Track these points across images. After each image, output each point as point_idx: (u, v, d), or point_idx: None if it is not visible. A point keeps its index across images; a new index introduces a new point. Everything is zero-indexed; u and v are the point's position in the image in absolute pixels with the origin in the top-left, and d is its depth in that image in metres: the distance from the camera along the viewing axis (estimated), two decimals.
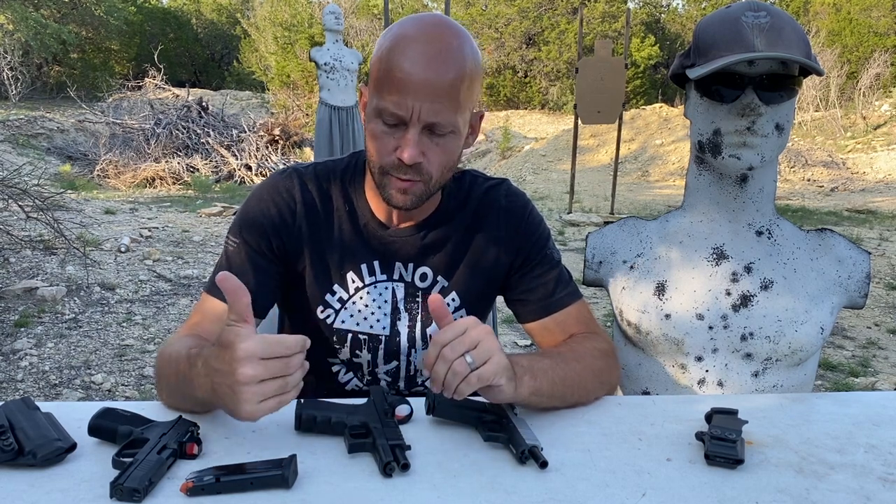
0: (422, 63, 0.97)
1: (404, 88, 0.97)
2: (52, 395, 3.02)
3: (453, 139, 1.04)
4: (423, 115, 0.98)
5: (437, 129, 1.00)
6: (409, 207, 1.07)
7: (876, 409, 1.09)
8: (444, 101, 0.98)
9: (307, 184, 1.16)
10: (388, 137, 1.02)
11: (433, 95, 0.98)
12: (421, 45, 0.98)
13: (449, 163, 1.06)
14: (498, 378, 0.90)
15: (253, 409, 0.82)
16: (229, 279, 0.85)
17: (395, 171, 1.03)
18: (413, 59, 0.97)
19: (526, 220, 1.22)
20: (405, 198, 1.05)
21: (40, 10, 16.44)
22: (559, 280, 1.21)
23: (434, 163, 1.03)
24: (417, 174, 1.03)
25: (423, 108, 0.98)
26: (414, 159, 1.00)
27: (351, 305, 1.18)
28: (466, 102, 1.02)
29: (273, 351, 0.82)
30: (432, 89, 0.97)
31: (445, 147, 1.03)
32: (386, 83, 0.99)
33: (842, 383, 3.36)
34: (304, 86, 16.20)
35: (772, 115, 1.14)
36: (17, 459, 0.84)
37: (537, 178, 10.88)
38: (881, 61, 13.83)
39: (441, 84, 0.98)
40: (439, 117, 0.99)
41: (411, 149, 1.00)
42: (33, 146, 10.16)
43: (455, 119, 1.01)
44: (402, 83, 0.97)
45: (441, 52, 0.98)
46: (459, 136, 1.05)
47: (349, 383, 1.23)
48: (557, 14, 18.15)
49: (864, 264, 1.26)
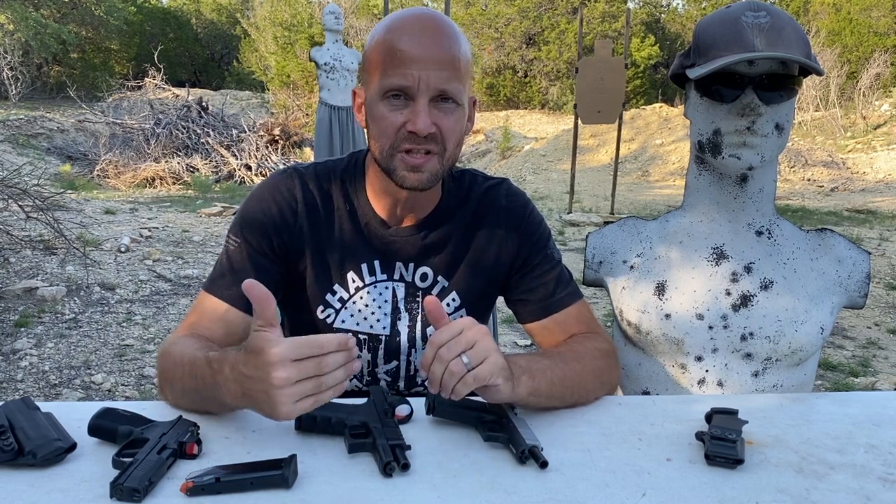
0: (422, 37, 1.00)
1: (409, 60, 0.99)
2: (52, 395, 3.02)
3: (459, 112, 1.05)
4: (432, 82, 1.00)
5: (446, 95, 1.01)
6: (424, 187, 1.06)
7: (876, 409, 1.09)
8: (450, 69, 1.01)
9: (308, 183, 1.16)
10: (395, 114, 1.02)
11: (438, 64, 1.00)
12: (418, 24, 1.02)
13: (459, 136, 1.07)
14: (494, 378, 0.90)
15: (290, 410, 0.82)
16: (256, 287, 0.85)
17: (408, 143, 1.02)
18: (413, 35, 1.00)
19: (526, 219, 1.21)
20: (418, 176, 1.04)
21: (40, 10, 16.45)
22: (559, 280, 1.21)
23: (447, 131, 1.03)
24: (434, 143, 1.03)
25: (430, 77, 0.99)
26: (428, 128, 1.00)
27: (351, 305, 1.18)
28: (466, 80, 1.05)
29: (304, 352, 0.82)
30: (436, 58, 1.00)
31: (456, 118, 1.04)
32: (389, 62, 1.00)
33: (842, 383, 3.36)
34: (304, 86, 16.21)
35: (772, 115, 1.14)
36: (17, 459, 0.84)
37: (537, 178, 10.88)
38: (881, 61, 13.83)
39: (443, 54, 1.00)
40: (447, 84, 1.01)
41: (424, 116, 1.00)
42: (33, 146, 10.16)
43: (460, 90, 1.03)
44: (407, 55, 0.99)
45: (437, 28, 1.02)
46: (463, 110, 1.06)
47: (349, 383, 1.23)
48: (557, 14, 18.15)
49: (864, 264, 1.26)
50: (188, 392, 0.98)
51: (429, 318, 0.93)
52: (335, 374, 0.84)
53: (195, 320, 1.12)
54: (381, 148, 1.04)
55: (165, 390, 1.03)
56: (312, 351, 0.82)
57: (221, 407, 0.96)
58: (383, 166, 1.06)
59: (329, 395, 0.84)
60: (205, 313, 1.11)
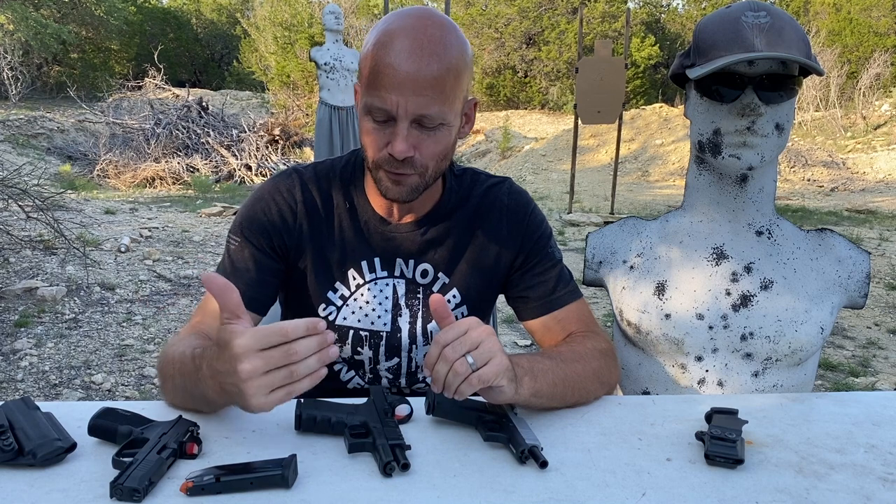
0: (404, 57, 0.97)
1: (389, 84, 0.98)
2: (52, 395, 3.02)
3: (444, 130, 1.04)
4: (411, 108, 0.99)
5: (426, 121, 1.01)
6: (406, 199, 1.08)
7: (876, 409, 1.09)
8: (429, 93, 0.98)
9: (307, 183, 1.17)
10: (378, 133, 1.02)
11: (418, 89, 0.98)
12: (404, 39, 0.98)
13: (443, 153, 1.06)
14: (499, 379, 0.90)
15: (261, 402, 0.80)
16: (213, 279, 0.84)
17: (387, 165, 1.03)
18: (396, 53, 0.97)
19: (528, 218, 1.22)
20: (400, 189, 1.06)
21: (40, 10, 16.45)
22: (560, 278, 1.21)
23: (427, 154, 1.04)
24: (410, 167, 1.03)
25: (409, 102, 0.98)
26: (404, 154, 1.00)
27: (352, 302, 1.18)
28: (455, 93, 1.02)
29: (270, 341, 0.79)
30: (417, 83, 0.97)
31: (437, 139, 1.04)
32: (372, 80, 1.00)
33: (842, 383, 3.36)
34: (304, 86, 16.21)
35: (772, 115, 1.14)
36: (17, 459, 0.84)
37: (537, 178, 10.88)
38: (881, 61, 13.83)
39: (425, 77, 0.98)
40: (427, 109, 0.99)
41: (400, 143, 1.00)
42: (33, 146, 10.16)
43: (443, 110, 1.01)
44: (387, 79, 0.98)
45: (424, 45, 0.98)
46: (450, 126, 1.05)
47: (351, 381, 1.23)
48: (557, 14, 18.15)
49: (863, 264, 1.26)
50: (179, 390, 0.98)
51: (433, 316, 0.92)
52: (307, 362, 0.80)
53: (199, 320, 1.12)
54: (367, 159, 1.07)
55: (164, 391, 1.04)
56: (278, 339, 0.79)
57: (209, 404, 0.95)
58: (371, 175, 1.09)
59: (304, 385, 0.81)
60: (208, 313, 1.12)
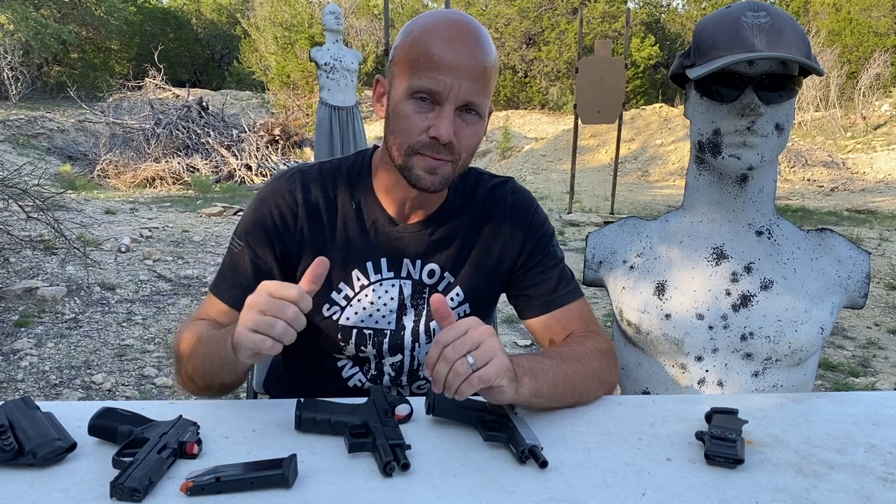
0: (459, 45, 1.01)
1: (444, 66, 1.00)
2: (52, 395, 3.02)
3: (480, 124, 1.07)
4: (462, 93, 1.01)
5: (471, 108, 1.03)
6: (436, 189, 1.08)
7: (876, 409, 1.09)
8: (479, 82, 1.02)
9: (310, 184, 1.17)
10: (419, 117, 1.03)
11: (470, 75, 1.01)
12: (455, 29, 1.02)
13: (475, 146, 1.09)
14: (499, 379, 0.90)
15: (244, 333, 0.88)
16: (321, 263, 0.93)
17: (426, 150, 1.04)
18: (450, 41, 1.01)
19: (531, 217, 1.23)
20: (433, 178, 1.06)
21: (40, 10, 16.45)
22: (562, 277, 1.22)
23: (464, 144, 1.05)
24: (449, 153, 1.04)
25: (461, 87, 1.00)
26: (449, 136, 1.02)
27: (356, 303, 1.19)
28: (491, 89, 1.06)
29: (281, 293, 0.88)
30: (469, 69, 1.01)
31: (475, 130, 1.06)
32: (422, 62, 1.01)
33: (842, 383, 3.36)
34: (304, 86, 16.21)
35: (772, 115, 1.14)
36: (17, 459, 0.84)
37: (537, 178, 10.88)
38: (881, 61, 13.82)
39: (477, 66, 1.01)
40: (474, 96, 1.02)
41: (448, 125, 1.01)
42: (33, 146, 10.16)
43: (484, 102, 1.05)
44: (441, 60, 1.00)
45: (473, 37, 1.03)
46: (484, 121, 1.08)
47: (352, 378, 1.24)
48: (557, 14, 18.15)
49: (863, 264, 1.26)
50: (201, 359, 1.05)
51: (434, 315, 0.94)
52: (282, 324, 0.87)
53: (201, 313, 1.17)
54: (401, 145, 1.06)
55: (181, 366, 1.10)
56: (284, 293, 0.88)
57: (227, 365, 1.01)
58: (399, 163, 1.07)
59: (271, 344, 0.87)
60: (208, 314, 1.16)
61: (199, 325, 1.12)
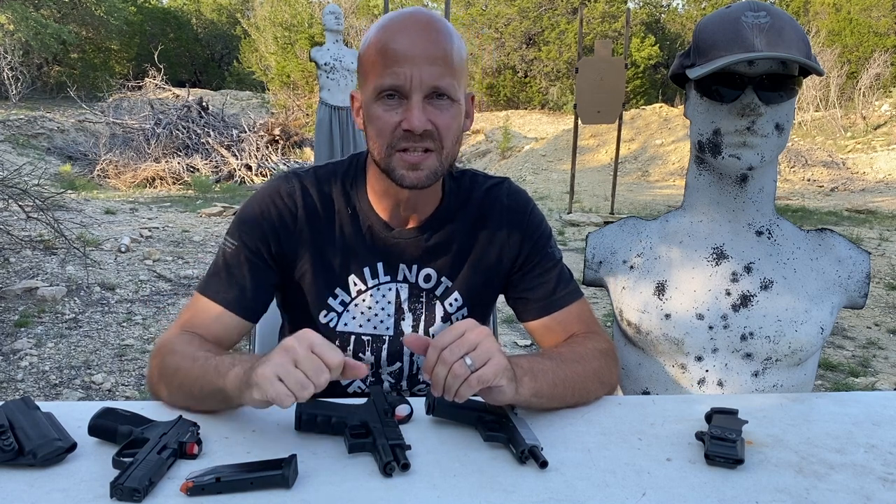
0: (413, 35, 1.00)
1: (401, 59, 0.99)
2: (52, 395, 3.02)
3: (456, 108, 1.04)
4: (425, 78, 0.99)
5: (440, 92, 1.01)
6: (423, 185, 1.05)
7: (876, 409, 1.09)
8: (442, 65, 1.00)
9: (308, 188, 1.16)
10: (390, 114, 1.02)
11: (430, 60, 0.99)
12: (409, 22, 1.02)
13: (457, 132, 1.06)
14: (498, 379, 0.90)
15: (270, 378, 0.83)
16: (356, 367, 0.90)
17: (404, 143, 1.02)
18: (404, 33, 1.00)
19: (528, 218, 1.22)
20: (417, 174, 1.04)
21: (40, 10, 16.45)
22: (560, 279, 1.21)
23: (443, 128, 1.03)
24: (430, 141, 1.02)
25: (422, 73, 0.99)
26: (422, 125, 1.00)
27: (353, 308, 1.18)
28: (461, 73, 1.04)
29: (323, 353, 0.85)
30: (428, 55, 1.00)
31: (452, 115, 1.04)
32: (381, 61, 1.01)
33: (842, 383, 3.36)
34: (304, 86, 16.21)
35: (772, 115, 1.14)
36: (17, 459, 0.84)
37: (537, 178, 10.87)
38: (881, 61, 13.82)
39: (435, 50, 1.00)
40: (440, 80, 1.00)
41: (418, 113, 1.00)
42: (33, 146, 10.15)
43: (453, 84, 1.02)
44: (398, 54, 0.99)
45: (428, 25, 1.02)
46: (459, 106, 1.05)
47: (351, 384, 1.23)
48: (557, 14, 18.14)
49: (863, 264, 1.26)
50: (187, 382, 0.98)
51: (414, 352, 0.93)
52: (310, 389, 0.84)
53: (186, 318, 1.12)
54: (380, 148, 1.04)
55: (162, 385, 1.04)
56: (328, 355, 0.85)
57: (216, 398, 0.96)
58: (382, 167, 1.06)
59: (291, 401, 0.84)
60: (198, 314, 1.12)
61: (196, 341, 1.06)
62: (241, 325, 1.13)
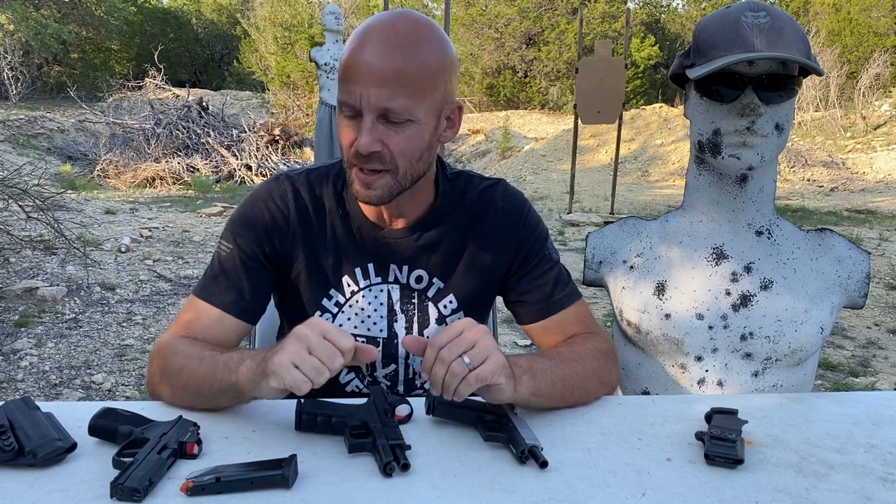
0: (370, 51, 0.96)
1: (354, 76, 0.97)
2: (53, 395, 3.02)
3: (413, 128, 1.00)
4: (373, 100, 0.96)
5: (391, 115, 0.97)
6: (377, 202, 1.05)
7: (876, 409, 1.09)
8: (393, 86, 0.96)
9: (300, 190, 1.16)
10: (348, 130, 1.01)
11: (380, 81, 0.96)
12: (373, 35, 0.98)
13: (415, 153, 1.02)
14: (497, 377, 0.90)
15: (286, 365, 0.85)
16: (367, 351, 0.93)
17: (357, 161, 1.01)
18: (365, 47, 0.97)
19: (524, 220, 1.21)
20: (369, 192, 1.03)
21: (40, 10, 16.44)
22: (558, 280, 1.20)
23: (395, 151, 1.00)
24: (379, 162, 1.00)
25: (371, 95, 0.96)
26: (368, 147, 0.98)
27: (348, 309, 1.18)
28: (426, 90, 0.99)
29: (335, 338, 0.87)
30: (379, 75, 0.95)
31: (407, 136, 1.00)
32: (343, 76, 0.99)
33: (842, 383, 3.36)
34: (304, 86, 16.21)
35: (772, 115, 1.14)
36: (17, 459, 0.84)
37: (537, 178, 10.87)
38: (881, 61, 13.81)
39: (388, 70, 0.95)
40: (390, 102, 0.96)
41: (365, 136, 0.97)
42: (33, 146, 10.15)
43: (409, 105, 0.97)
44: (353, 71, 0.97)
45: (391, 39, 0.97)
46: (420, 125, 1.00)
47: (349, 384, 1.23)
48: (557, 14, 18.13)
49: (863, 264, 1.26)
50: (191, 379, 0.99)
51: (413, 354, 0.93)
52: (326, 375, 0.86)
53: (185, 319, 1.12)
54: (343, 159, 1.06)
55: (161, 386, 1.04)
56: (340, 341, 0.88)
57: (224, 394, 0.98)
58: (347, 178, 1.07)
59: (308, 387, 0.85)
60: (197, 318, 1.11)
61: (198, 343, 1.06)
62: (241, 327, 1.13)
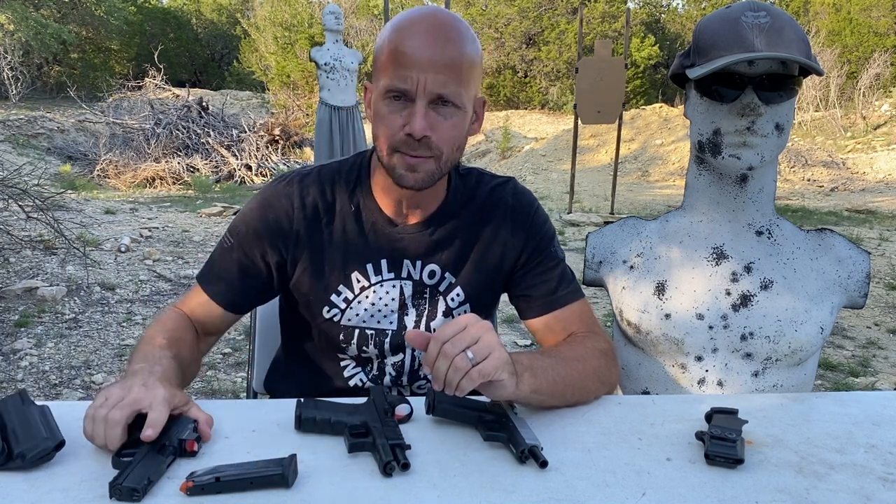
0: (424, 39, 1.01)
1: (409, 62, 1.00)
2: (53, 394, 3.02)
3: (459, 116, 1.05)
4: (430, 86, 1.00)
5: (445, 99, 1.02)
6: (420, 187, 1.07)
7: (876, 409, 1.09)
8: (447, 73, 1.01)
9: (308, 187, 1.17)
10: (395, 115, 1.03)
11: (437, 67, 1.00)
12: (423, 24, 1.03)
13: (458, 140, 1.07)
14: (499, 373, 0.90)
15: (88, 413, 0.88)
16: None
17: (404, 147, 1.04)
18: (416, 36, 1.01)
19: (532, 218, 1.23)
20: (415, 176, 1.05)
21: (40, 10, 16.45)
22: (562, 278, 1.22)
23: (443, 138, 1.04)
24: (427, 149, 1.04)
25: (428, 80, 1.00)
26: (423, 131, 1.01)
27: (356, 304, 1.19)
28: (469, 80, 1.05)
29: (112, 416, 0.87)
30: (435, 62, 1.00)
31: (453, 123, 1.05)
32: (392, 62, 1.02)
33: (842, 383, 3.36)
34: (304, 86, 16.21)
35: (772, 115, 1.14)
36: (7, 464, 0.83)
37: (537, 178, 10.88)
38: (881, 61, 13.82)
39: (443, 57, 1.01)
40: (445, 88, 1.01)
41: (419, 120, 1.01)
42: (33, 146, 10.15)
43: (459, 92, 1.03)
44: (407, 58, 1.00)
45: (441, 29, 1.02)
46: (465, 113, 1.06)
47: (353, 378, 1.24)
48: (557, 14, 18.14)
49: (863, 264, 1.26)
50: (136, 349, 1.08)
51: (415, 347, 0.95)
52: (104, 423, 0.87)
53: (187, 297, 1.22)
54: (383, 146, 1.06)
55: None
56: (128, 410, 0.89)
57: None
58: (385, 164, 1.08)
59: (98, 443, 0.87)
60: (192, 297, 1.21)
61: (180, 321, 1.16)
62: (226, 316, 1.20)
